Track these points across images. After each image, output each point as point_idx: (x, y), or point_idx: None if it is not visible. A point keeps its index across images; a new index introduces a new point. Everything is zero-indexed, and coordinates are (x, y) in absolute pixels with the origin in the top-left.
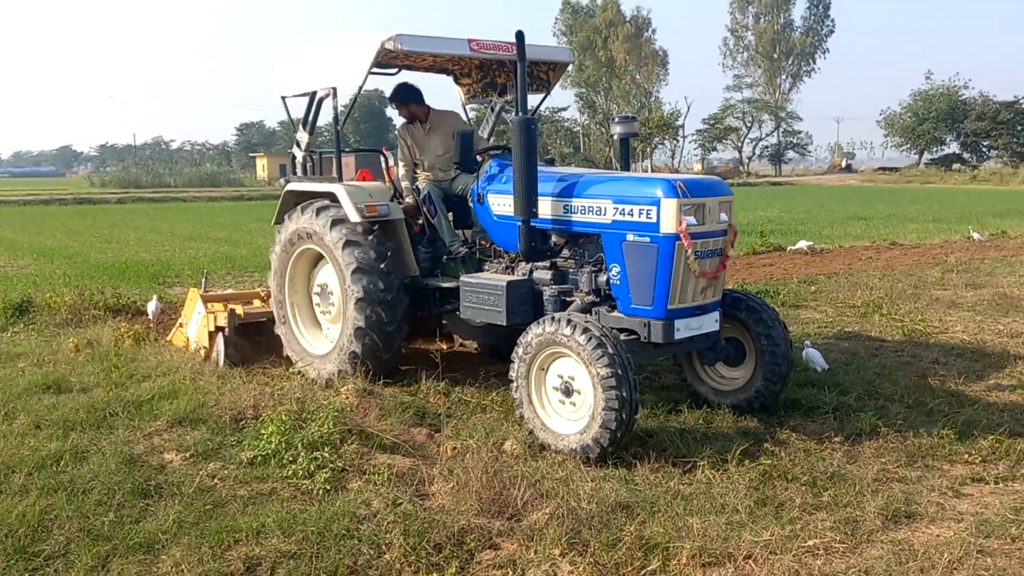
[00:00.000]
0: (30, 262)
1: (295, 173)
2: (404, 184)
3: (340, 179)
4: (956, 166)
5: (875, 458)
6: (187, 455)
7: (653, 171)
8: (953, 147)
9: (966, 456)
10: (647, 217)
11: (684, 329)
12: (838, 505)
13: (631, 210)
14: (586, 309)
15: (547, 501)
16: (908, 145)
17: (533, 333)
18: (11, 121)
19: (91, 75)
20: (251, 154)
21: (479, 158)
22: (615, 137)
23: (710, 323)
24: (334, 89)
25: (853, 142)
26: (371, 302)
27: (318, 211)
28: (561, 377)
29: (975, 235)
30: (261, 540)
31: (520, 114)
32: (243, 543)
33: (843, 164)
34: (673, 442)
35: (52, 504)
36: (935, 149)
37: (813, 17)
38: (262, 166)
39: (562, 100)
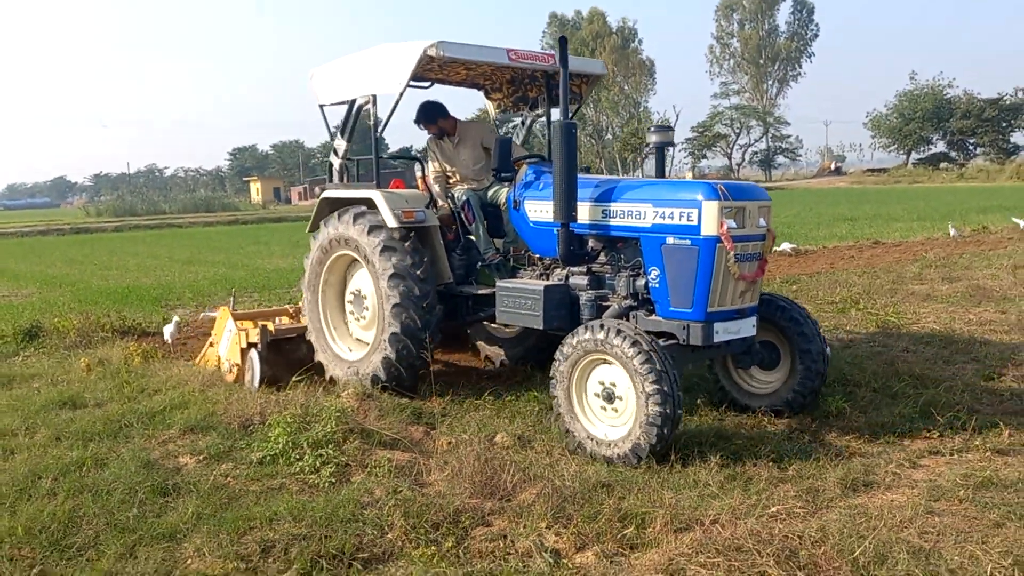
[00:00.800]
0: (34, 291)
1: (331, 180)
2: (436, 190)
3: (379, 186)
4: (944, 165)
5: (839, 436)
6: (201, 458)
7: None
8: (940, 146)
9: (924, 432)
10: (688, 220)
11: (723, 332)
12: (802, 477)
13: (671, 213)
14: (623, 313)
15: (535, 483)
16: (895, 146)
17: (579, 338)
18: (5, 154)
19: (83, 105)
20: (245, 178)
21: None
22: (650, 145)
23: (748, 327)
24: (374, 96)
25: (843, 145)
26: (407, 307)
27: (355, 217)
28: (603, 384)
29: (952, 231)
30: (274, 526)
31: (562, 119)
32: (257, 529)
33: (832, 167)
34: None
35: (79, 504)
36: (922, 149)
37: (797, 22)
38: (256, 190)
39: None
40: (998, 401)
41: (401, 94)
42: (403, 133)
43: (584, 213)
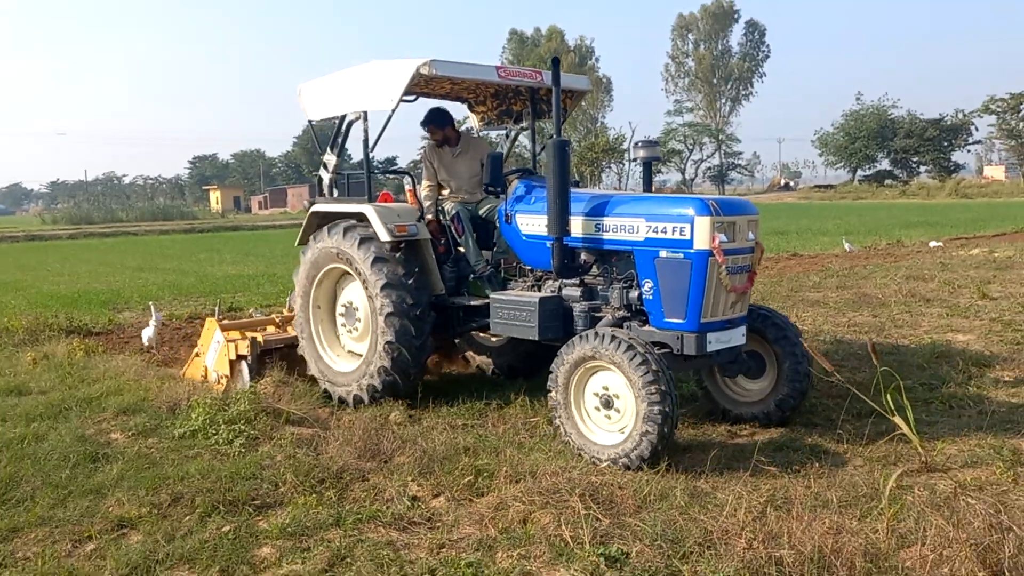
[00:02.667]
0: None
1: (320, 195)
2: (427, 204)
3: (370, 200)
4: (888, 182)
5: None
6: (129, 434)
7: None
8: (885, 164)
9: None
10: (680, 234)
11: (715, 342)
12: None
13: (664, 227)
14: (617, 324)
15: (410, 448)
16: (842, 163)
17: (575, 346)
18: None
19: (40, 113)
20: (204, 187)
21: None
22: (637, 160)
23: (738, 336)
24: (365, 113)
25: (798, 161)
26: (401, 315)
27: (346, 231)
28: (606, 389)
29: (847, 246)
30: (184, 482)
31: (555, 136)
32: (170, 485)
33: (782, 183)
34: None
35: (19, 468)
36: (867, 166)
37: (749, 43)
38: (216, 199)
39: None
40: None
41: (393, 110)
42: (387, 145)
43: (577, 227)
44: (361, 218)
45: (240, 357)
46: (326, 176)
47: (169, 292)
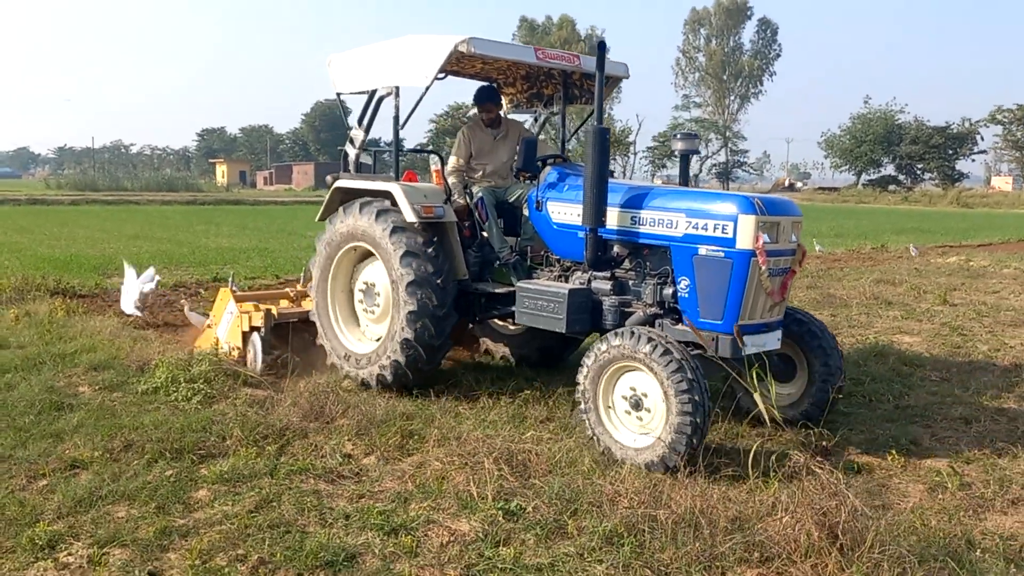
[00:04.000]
0: None
1: (346, 170)
2: (453, 181)
3: (398, 179)
4: (891, 187)
5: None
6: (96, 388)
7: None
8: (889, 169)
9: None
10: (723, 232)
11: (751, 345)
12: (560, 419)
13: (705, 224)
14: (648, 321)
15: (353, 412)
16: (847, 166)
17: (609, 344)
18: None
19: (49, 78)
20: (211, 160)
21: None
22: (676, 153)
23: (773, 341)
24: (397, 88)
25: (806, 162)
26: (422, 286)
27: (372, 210)
28: (632, 391)
29: (817, 247)
30: (138, 432)
31: (595, 124)
32: (125, 433)
33: (787, 183)
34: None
35: None
36: (872, 171)
37: (761, 41)
38: (222, 172)
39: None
40: None
41: (428, 88)
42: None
43: (612, 218)
44: (386, 196)
45: (253, 329)
46: (352, 152)
47: (160, 261)
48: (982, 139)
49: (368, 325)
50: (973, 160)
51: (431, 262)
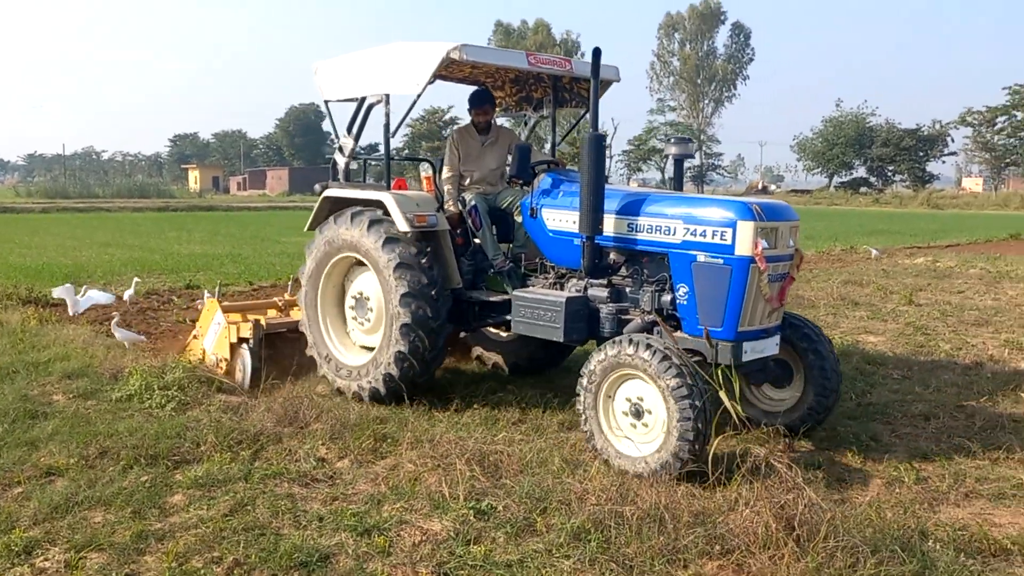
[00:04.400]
0: None
1: (335, 179)
2: (447, 188)
3: (389, 187)
4: (863, 189)
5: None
6: (70, 396)
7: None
8: (861, 171)
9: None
10: (721, 239)
11: (751, 352)
12: (532, 421)
13: (704, 231)
14: (647, 328)
15: (326, 417)
16: (820, 169)
17: (608, 352)
18: None
19: (18, 84)
20: (184, 166)
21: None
22: (670, 158)
23: (772, 347)
24: (387, 96)
25: (779, 165)
26: (416, 297)
27: (363, 219)
28: (631, 399)
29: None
30: (113, 439)
31: (591, 131)
32: (100, 440)
33: (760, 186)
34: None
35: None
36: (844, 173)
37: (735, 45)
38: (194, 178)
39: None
40: None
41: (419, 95)
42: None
43: (609, 226)
44: (378, 205)
45: (241, 340)
46: (341, 160)
47: (132, 268)
48: (952, 141)
49: (360, 336)
50: (943, 162)
51: (425, 273)
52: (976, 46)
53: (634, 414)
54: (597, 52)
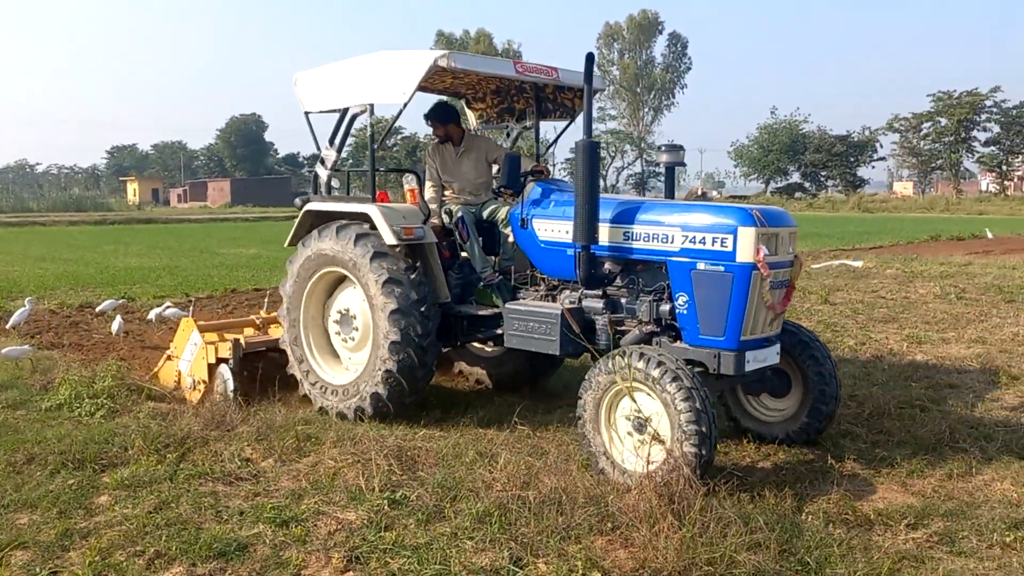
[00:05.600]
0: None
1: (316, 192)
2: (432, 206)
3: (374, 200)
4: (797, 194)
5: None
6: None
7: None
8: (795, 177)
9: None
10: (722, 246)
11: (753, 361)
12: (453, 418)
13: (703, 238)
14: (645, 339)
15: (253, 420)
16: (756, 175)
17: (606, 365)
18: None
19: None
20: (122, 178)
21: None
22: (661, 165)
23: (773, 355)
24: (371, 106)
25: (719, 171)
26: (406, 312)
27: (349, 233)
28: (638, 412)
29: None
30: (41, 445)
31: (584, 137)
32: (28, 447)
33: (699, 192)
34: None
35: None
36: (779, 179)
37: (672, 54)
38: (133, 190)
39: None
40: None
41: (405, 104)
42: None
43: (604, 235)
44: (363, 219)
45: (220, 360)
46: (323, 173)
47: (66, 282)
48: (881, 147)
49: (344, 354)
50: (873, 167)
51: (415, 288)
52: (902, 54)
53: (637, 428)
54: (590, 57)
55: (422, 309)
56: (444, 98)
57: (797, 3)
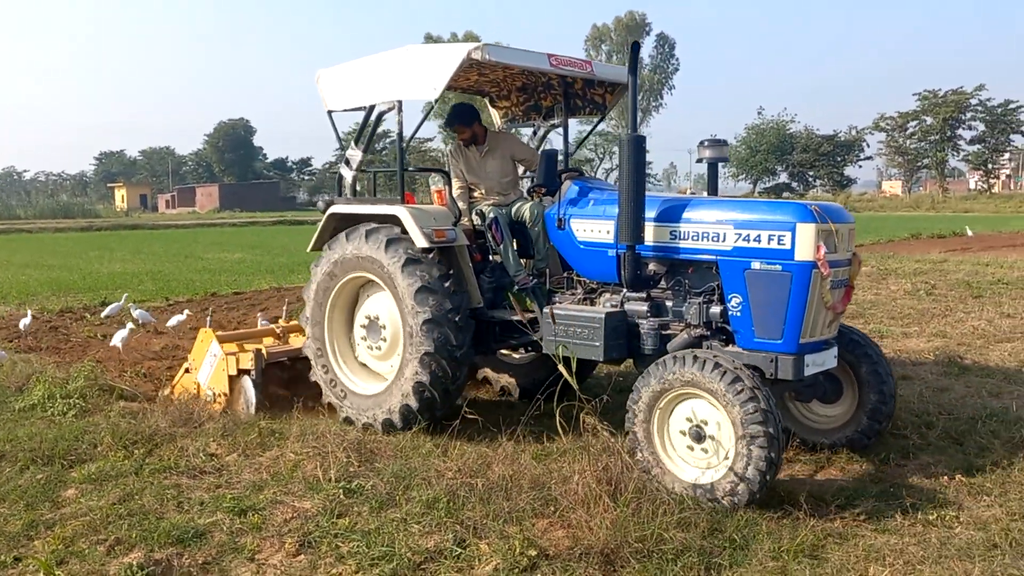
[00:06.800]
0: None
1: (340, 195)
2: (461, 205)
3: (403, 201)
4: (785, 194)
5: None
6: None
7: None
8: (783, 177)
9: None
10: (779, 244)
11: (812, 365)
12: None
13: (758, 236)
14: (695, 343)
15: (221, 418)
16: (744, 175)
17: (668, 370)
18: None
19: None
20: (110, 184)
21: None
22: (703, 161)
23: (831, 359)
24: (399, 103)
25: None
26: (440, 322)
27: (380, 238)
28: (691, 421)
29: None
30: (12, 443)
31: (630, 131)
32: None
33: (689, 193)
34: None
35: None
36: (767, 179)
37: (660, 56)
38: (121, 196)
39: (428, 130)
40: None
41: (436, 101)
42: (304, 145)
43: (648, 234)
44: (393, 221)
45: (242, 372)
46: (348, 174)
47: (49, 288)
48: (867, 146)
49: (371, 362)
50: (860, 166)
51: (449, 297)
52: (888, 53)
53: (694, 437)
54: (636, 47)
55: (456, 319)
56: (452, 101)
57: (784, 4)
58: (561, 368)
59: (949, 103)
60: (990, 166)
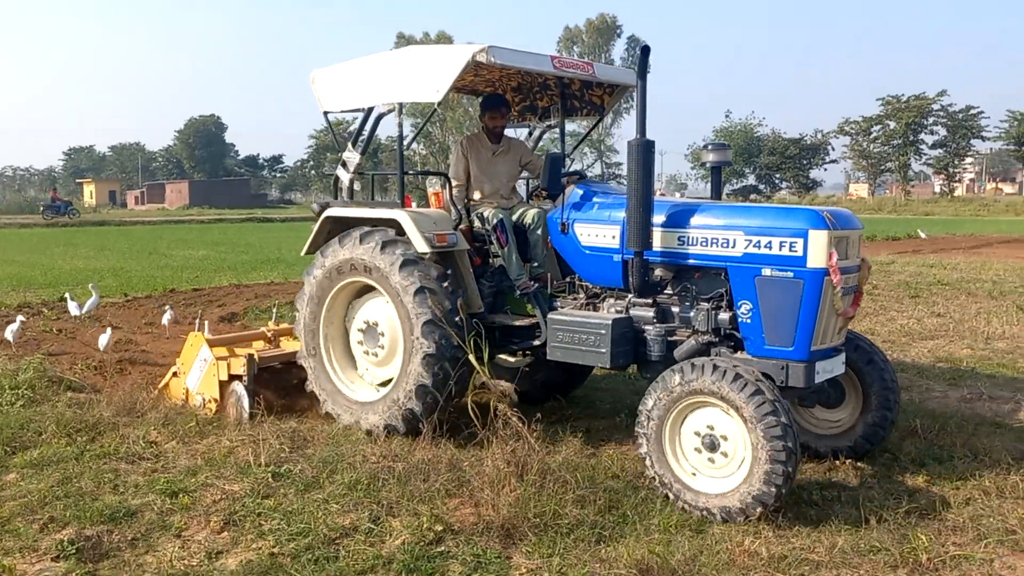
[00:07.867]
0: None
1: (337, 197)
2: (459, 207)
3: (402, 204)
4: (753, 196)
5: None
6: None
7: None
8: (751, 179)
9: None
10: (791, 250)
11: (822, 372)
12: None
13: (769, 242)
14: (703, 350)
15: (163, 408)
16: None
17: (682, 377)
18: None
19: None
20: (79, 180)
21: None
22: (707, 165)
23: (839, 365)
24: (400, 105)
25: (680, 174)
26: (440, 324)
27: (375, 240)
28: (704, 430)
29: None
30: None
31: (638, 136)
32: None
33: (659, 194)
34: None
35: None
36: (736, 181)
37: (631, 58)
38: (90, 192)
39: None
40: None
41: (440, 103)
42: (277, 142)
43: (656, 239)
44: (391, 225)
45: (233, 377)
46: (346, 176)
47: (9, 283)
48: (833, 149)
49: (368, 368)
50: (826, 169)
51: (448, 298)
52: (853, 57)
53: (708, 446)
54: (646, 50)
55: (457, 319)
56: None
57: (751, 9)
58: (471, 358)
59: (912, 108)
60: (951, 170)
